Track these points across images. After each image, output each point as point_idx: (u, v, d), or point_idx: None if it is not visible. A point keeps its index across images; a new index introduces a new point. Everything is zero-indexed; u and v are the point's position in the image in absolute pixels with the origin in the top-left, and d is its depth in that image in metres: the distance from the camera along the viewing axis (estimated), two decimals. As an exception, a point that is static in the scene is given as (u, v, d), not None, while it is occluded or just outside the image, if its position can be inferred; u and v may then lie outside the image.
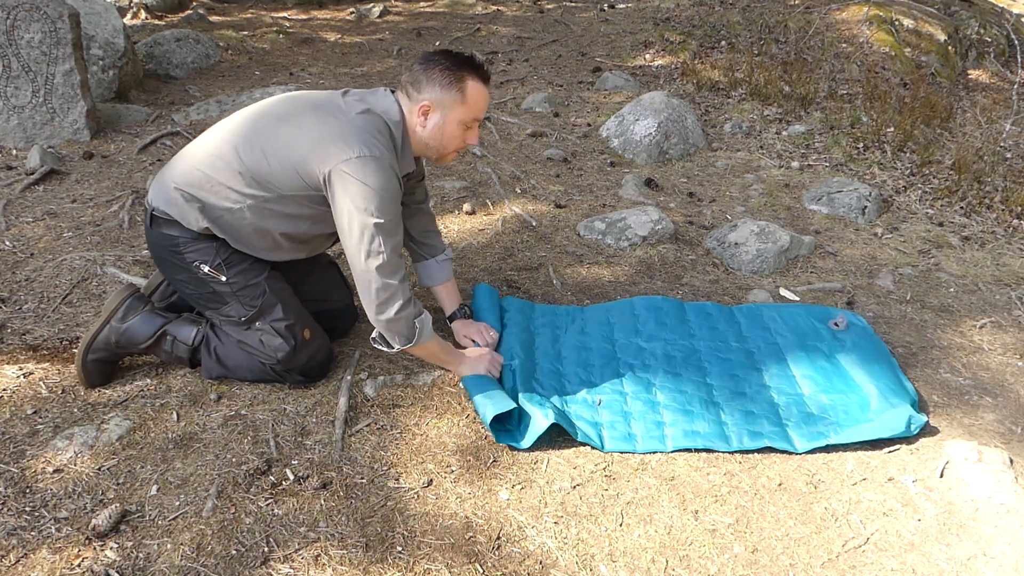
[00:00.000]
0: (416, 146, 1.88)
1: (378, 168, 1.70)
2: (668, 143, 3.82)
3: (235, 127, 1.83)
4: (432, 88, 1.80)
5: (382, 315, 1.79)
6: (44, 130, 3.49)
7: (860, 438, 1.87)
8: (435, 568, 1.52)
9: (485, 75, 1.85)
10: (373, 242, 1.72)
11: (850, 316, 2.36)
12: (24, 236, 2.70)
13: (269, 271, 1.91)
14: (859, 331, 2.28)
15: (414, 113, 1.83)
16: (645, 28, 6.13)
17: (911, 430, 1.89)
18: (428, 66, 1.81)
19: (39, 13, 3.36)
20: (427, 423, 1.91)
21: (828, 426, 1.92)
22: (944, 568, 1.59)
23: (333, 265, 2.23)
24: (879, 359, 2.14)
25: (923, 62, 5.42)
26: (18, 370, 2.00)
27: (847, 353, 2.17)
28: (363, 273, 1.75)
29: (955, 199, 3.49)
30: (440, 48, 1.89)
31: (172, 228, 1.82)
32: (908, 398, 1.98)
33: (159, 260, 1.91)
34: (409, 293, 1.82)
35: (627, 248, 2.87)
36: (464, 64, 1.82)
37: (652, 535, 1.63)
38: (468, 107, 1.83)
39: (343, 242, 1.76)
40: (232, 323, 1.90)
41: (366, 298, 1.78)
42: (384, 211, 1.72)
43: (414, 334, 1.85)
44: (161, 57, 4.86)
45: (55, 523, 1.55)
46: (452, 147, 1.89)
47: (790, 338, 2.26)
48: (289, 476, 1.71)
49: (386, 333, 1.84)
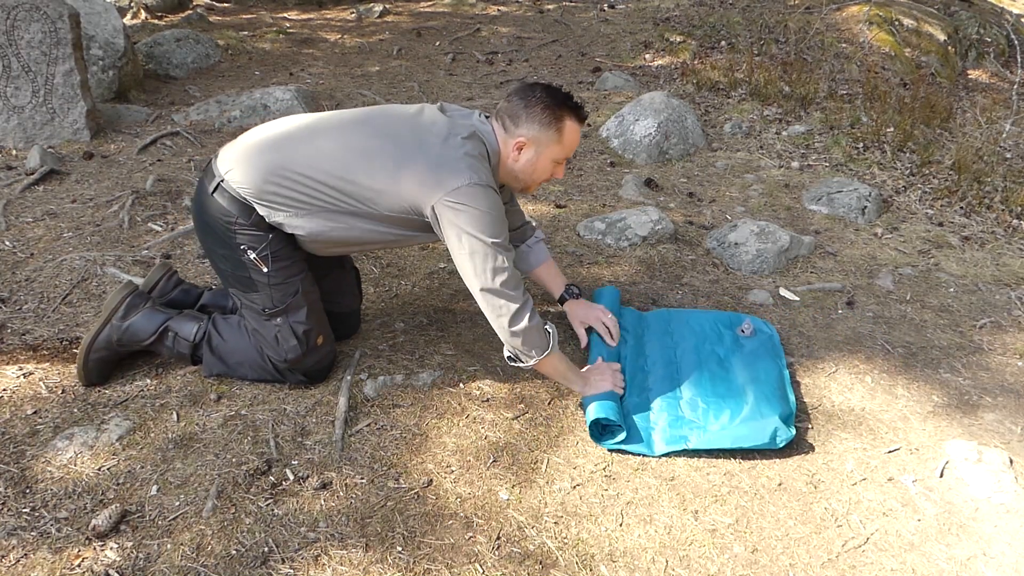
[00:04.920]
0: (504, 175, 1.90)
1: (485, 192, 1.73)
2: (668, 143, 3.82)
3: (343, 134, 1.80)
4: (531, 125, 1.82)
5: (517, 327, 1.78)
6: (44, 130, 3.49)
7: (721, 445, 1.83)
8: (435, 568, 1.52)
9: (582, 116, 1.88)
10: (496, 259, 1.73)
11: (758, 323, 2.33)
12: (24, 236, 2.70)
13: (306, 273, 1.91)
14: (763, 339, 2.26)
15: (509, 146, 1.84)
16: (645, 28, 6.13)
17: (776, 443, 1.83)
18: (529, 102, 1.81)
19: (39, 13, 3.36)
20: (427, 423, 1.91)
21: (693, 430, 1.88)
22: (944, 568, 1.59)
23: (354, 271, 2.22)
24: (769, 369, 2.10)
25: (923, 62, 5.42)
26: (18, 370, 2.00)
27: (740, 360, 2.14)
28: (490, 292, 1.75)
29: (955, 199, 3.49)
30: (539, 82, 1.89)
31: (235, 206, 1.79)
32: (781, 410, 1.91)
33: (205, 227, 1.87)
34: (532, 303, 1.82)
35: (627, 248, 2.87)
36: (563, 104, 1.83)
37: (652, 535, 1.63)
38: (563, 147, 1.86)
39: (460, 266, 1.76)
40: (254, 311, 1.89)
41: (496, 315, 1.77)
42: (497, 231, 1.74)
43: (547, 342, 1.85)
44: (161, 57, 4.86)
45: (55, 523, 1.55)
46: (539, 180, 1.92)
47: (689, 342, 2.22)
48: (289, 476, 1.71)
49: (522, 346, 1.82)
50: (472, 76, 5.11)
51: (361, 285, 2.25)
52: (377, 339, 2.24)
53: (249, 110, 4.02)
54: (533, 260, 2.22)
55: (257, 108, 4.03)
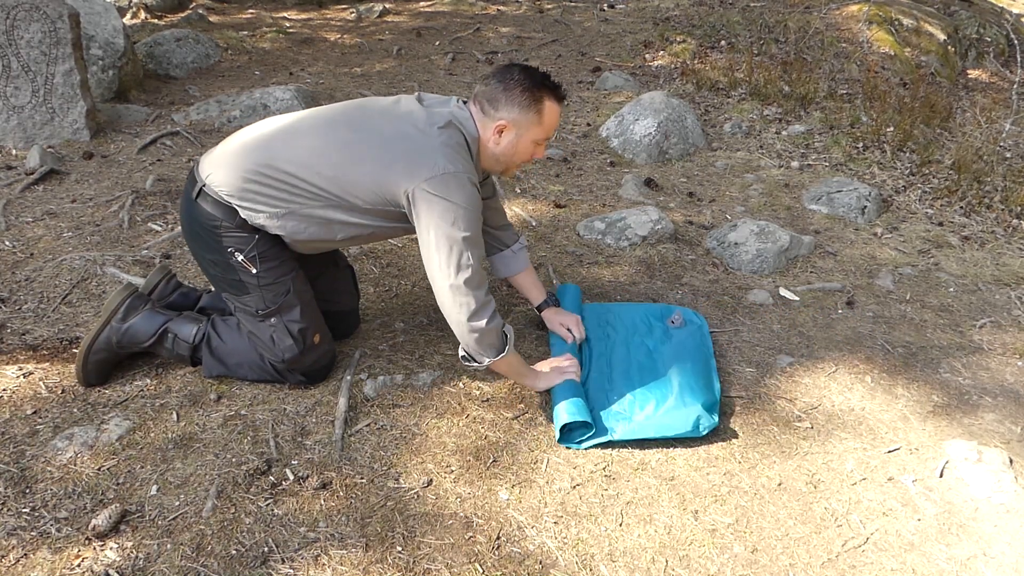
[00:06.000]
0: (485, 159, 1.89)
1: (460, 184, 1.71)
2: (668, 143, 3.82)
3: (319, 130, 1.80)
4: (511, 108, 1.81)
5: (474, 327, 1.77)
6: (44, 130, 3.49)
7: (645, 435, 1.84)
8: (435, 568, 1.52)
9: (561, 96, 1.87)
10: (462, 256, 1.72)
11: (688, 314, 2.35)
12: (24, 236, 2.70)
13: (296, 272, 1.91)
14: (692, 329, 2.28)
15: (489, 129, 1.83)
16: (645, 28, 6.13)
17: (699, 431, 1.85)
18: (508, 85, 1.80)
19: (39, 13, 3.36)
20: (427, 423, 1.91)
21: (619, 421, 1.90)
22: (944, 568, 1.59)
23: (349, 269, 2.22)
24: (696, 359, 2.12)
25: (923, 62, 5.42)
26: (18, 370, 2.00)
27: (668, 351, 2.16)
28: (452, 288, 1.74)
29: (955, 199, 3.49)
30: (515, 63, 1.89)
31: (219, 209, 1.79)
32: (704, 399, 1.93)
33: (192, 234, 1.87)
34: (495, 305, 1.82)
35: (627, 248, 2.87)
36: (542, 84, 1.82)
37: (652, 535, 1.63)
38: (543, 127, 1.85)
39: (427, 257, 1.75)
40: (248, 313, 1.89)
41: (455, 312, 1.76)
42: (469, 225, 1.73)
43: (504, 344, 1.84)
44: (161, 57, 4.86)
45: (55, 523, 1.55)
46: (520, 162, 1.92)
47: (620, 335, 2.25)
48: (289, 476, 1.71)
49: (477, 346, 1.81)
50: (472, 76, 5.11)
51: (358, 283, 2.24)
52: (377, 339, 2.24)
53: (249, 110, 4.02)
54: (515, 267, 2.22)
55: (257, 108, 4.03)
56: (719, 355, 2.25)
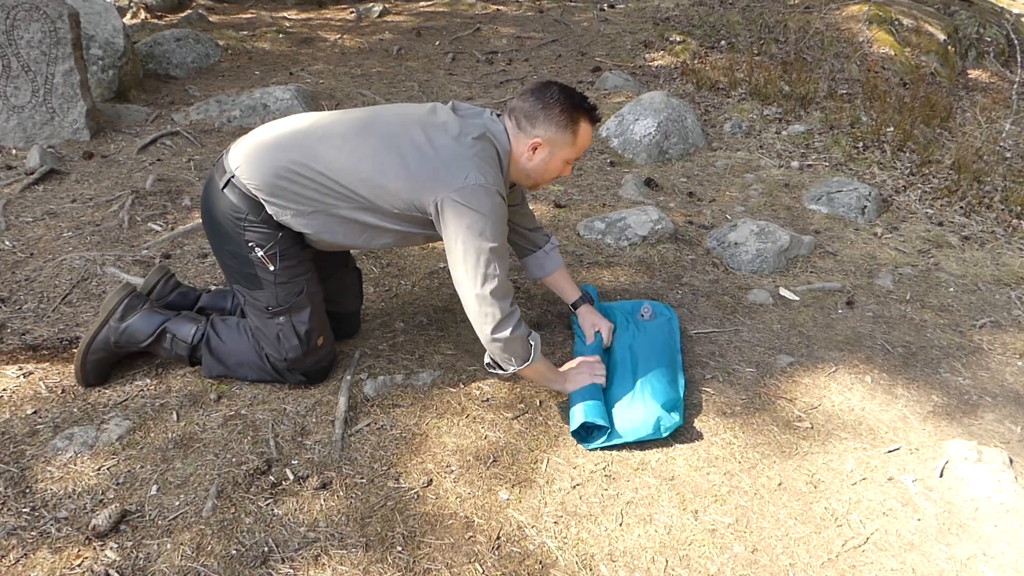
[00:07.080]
0: (515, 174, 1.90)
1: (489, 195, 1.72)
2: (668, 143, 3.82)
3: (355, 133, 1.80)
4: (548, 127, 1.82)
5: (499, 337, 1.77)
6: (44, 130, 3.49)
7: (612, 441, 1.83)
8: (435, 568, 1.52)
9: (596, 118, 1.89)
10: (489, 266, 1.73)
11: (658, 307, 2.35)
12: (24, 236, 2.70)
13: (312, 273, 1.91)
14: (662, 322, 2.27)
15: (523, 145, 1.84)
16: (645, 28, 6.13)
17: (661, 432, 1.83)
18: (547, 103, 1.81)
19: (39, 13, 3.36)
20: (427, 423, 1.91)
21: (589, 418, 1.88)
22: (944, 568, 1.59)
23: (356, 271, 2.22)
24: (661, 354, 2.10)
25: (923, 62, 5.42)
26: (18, 370, 2.00)
27: (637, 346, 2.15)
28: (478, 297, 1.74)
29: (955, 199, 3.49)
30: (553, 81, 1.90)
31: (245, 202, 1.79)
32: (665, 399, 1.90)
33: (213, 223, 1.87)
34: (520, 314, 1.82)
35: (627, 248, 2.87)
36: (580, 106, 1.84)
37: (652, 535, 1.63)
38: (576, 148, 1.87)
39: (454, 267, 1.76)
40: (258, 308, 1.89)
41: (480, 321, 1.77)
42: (496, 236, 1.73)
43: (529, 353, 1.84)
44: (161, 57, 4.86)
45: (55, 523, 1.55)
46: (549, 179, 1.93)
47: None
48: (289, 476, 1.71)
49: (501, 354, 1.81)
50: (472, 76, 5.11)
51: (362, 286, 2.25)
52: (377, 339, 2.24)
53: (249, 110, 4.02)
54: (548, 266, 2.23)
55: (257, 108, 4.03)
56: (719, 355, 2.25)
